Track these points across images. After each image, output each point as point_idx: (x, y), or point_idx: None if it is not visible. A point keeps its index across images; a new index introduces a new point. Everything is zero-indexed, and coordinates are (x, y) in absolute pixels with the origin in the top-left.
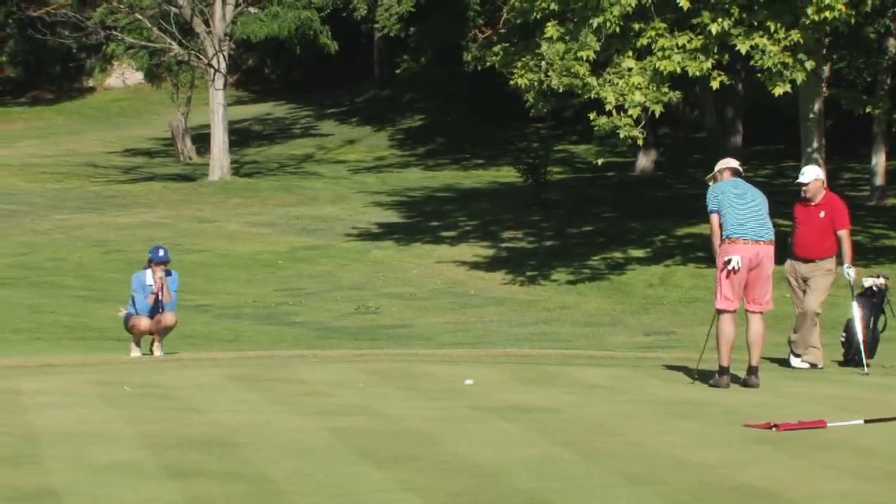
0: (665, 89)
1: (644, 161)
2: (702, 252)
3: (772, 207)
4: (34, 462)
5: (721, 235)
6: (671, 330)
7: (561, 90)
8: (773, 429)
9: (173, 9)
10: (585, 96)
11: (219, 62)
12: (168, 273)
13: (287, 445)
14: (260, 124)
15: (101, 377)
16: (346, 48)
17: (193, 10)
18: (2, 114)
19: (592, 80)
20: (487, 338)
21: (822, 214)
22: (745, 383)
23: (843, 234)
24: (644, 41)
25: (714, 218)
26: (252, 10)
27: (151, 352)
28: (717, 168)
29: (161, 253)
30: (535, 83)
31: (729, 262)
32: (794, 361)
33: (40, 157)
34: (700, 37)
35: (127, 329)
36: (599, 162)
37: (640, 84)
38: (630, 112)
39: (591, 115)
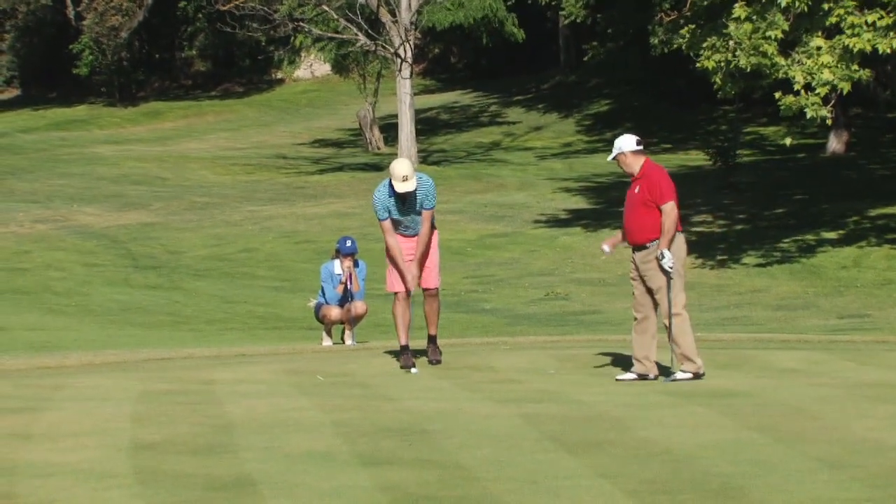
0: (855, 67)
1: (835, 142)
2: None
3: None
4: (230, 451)
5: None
6: (865, 312)
7: (749, 70)
8: None
9: (359, 0)
10: (774, 76)
11: (405, 51)
12: (356, 263)
13: (479, 432)
14: (447, 113)
15: (293, 366)
16: (532, 35)
17: (379, 1)
18: (193, 107)
19: (781, 60)
20: None
21: (637, 190)
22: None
23: (666, 208)
24: (833, 20)
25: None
26: None
27: (343, 341)
28: None
29: (349, 244)
30: (722, 64)
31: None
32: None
33: (231, 150)
34: (891, 14)
35: (318, 319)
36: (788, 142)
37: (828, 63)
38: (818, 91)
39: (777, 95)
